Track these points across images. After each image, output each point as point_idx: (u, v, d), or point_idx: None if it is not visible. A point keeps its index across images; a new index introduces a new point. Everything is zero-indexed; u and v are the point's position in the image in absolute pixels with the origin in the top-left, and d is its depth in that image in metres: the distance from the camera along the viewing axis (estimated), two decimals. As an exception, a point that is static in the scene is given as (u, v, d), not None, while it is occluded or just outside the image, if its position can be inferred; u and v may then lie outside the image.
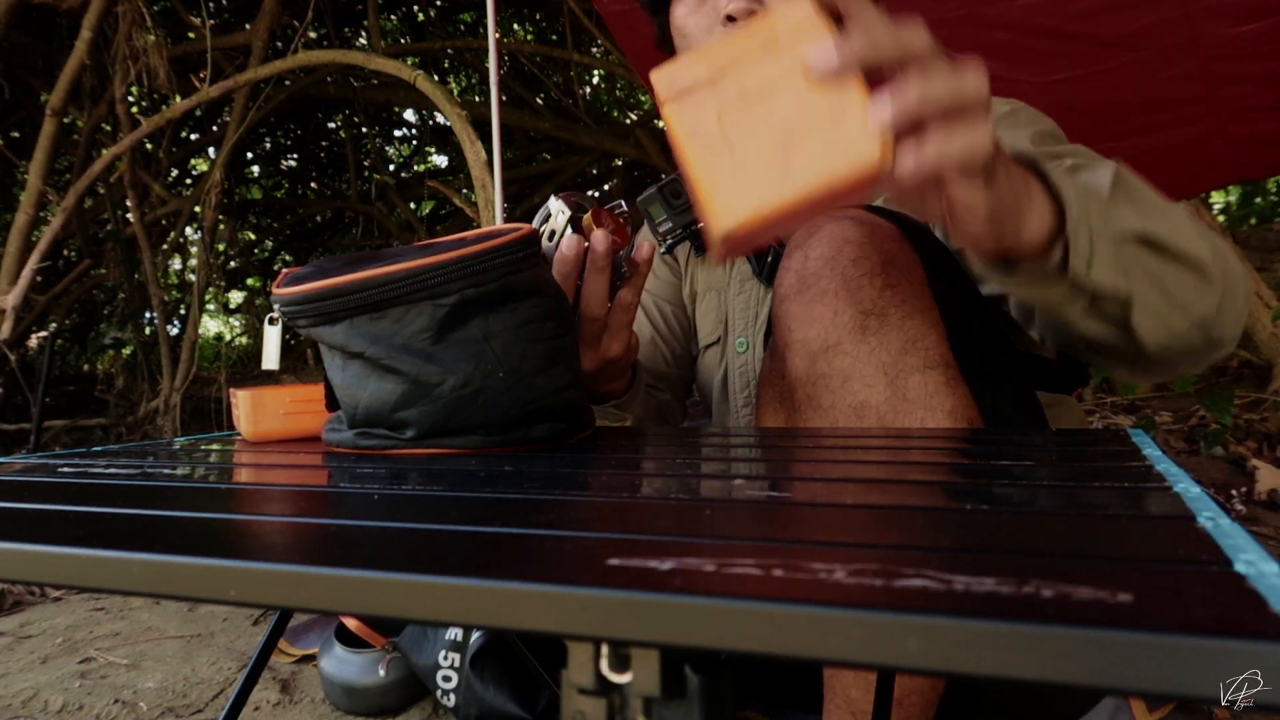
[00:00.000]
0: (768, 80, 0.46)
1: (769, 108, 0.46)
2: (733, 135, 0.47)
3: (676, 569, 0.23)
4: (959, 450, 0.49)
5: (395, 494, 0.37)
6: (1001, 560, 0.23)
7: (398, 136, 5.87)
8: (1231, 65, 1.70)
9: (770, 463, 0.49)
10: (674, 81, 0.48)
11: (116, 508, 0.36)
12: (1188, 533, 0.26)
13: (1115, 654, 0.17)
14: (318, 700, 1.20)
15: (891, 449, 0.51)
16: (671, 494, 0.37)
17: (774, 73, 0.46)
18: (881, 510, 0.31)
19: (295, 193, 5.84)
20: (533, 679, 1.03)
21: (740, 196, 0.46)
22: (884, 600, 0.20)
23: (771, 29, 0.47)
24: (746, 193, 0.46)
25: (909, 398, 0.64)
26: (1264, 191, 5.48)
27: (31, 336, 4.02)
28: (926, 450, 0.49)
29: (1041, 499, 0.33)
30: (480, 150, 2.20)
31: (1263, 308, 2.84)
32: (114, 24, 2.86)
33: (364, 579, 0.23)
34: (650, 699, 0.23)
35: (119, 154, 2.99)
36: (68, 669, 1.34)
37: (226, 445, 0.68)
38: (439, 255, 0.54)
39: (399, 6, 5.01)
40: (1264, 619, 0.18)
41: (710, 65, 0.47)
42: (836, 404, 0.66)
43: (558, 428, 0.58)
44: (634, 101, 5.32)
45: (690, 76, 0.48)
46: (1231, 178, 2.11)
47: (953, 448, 0.50)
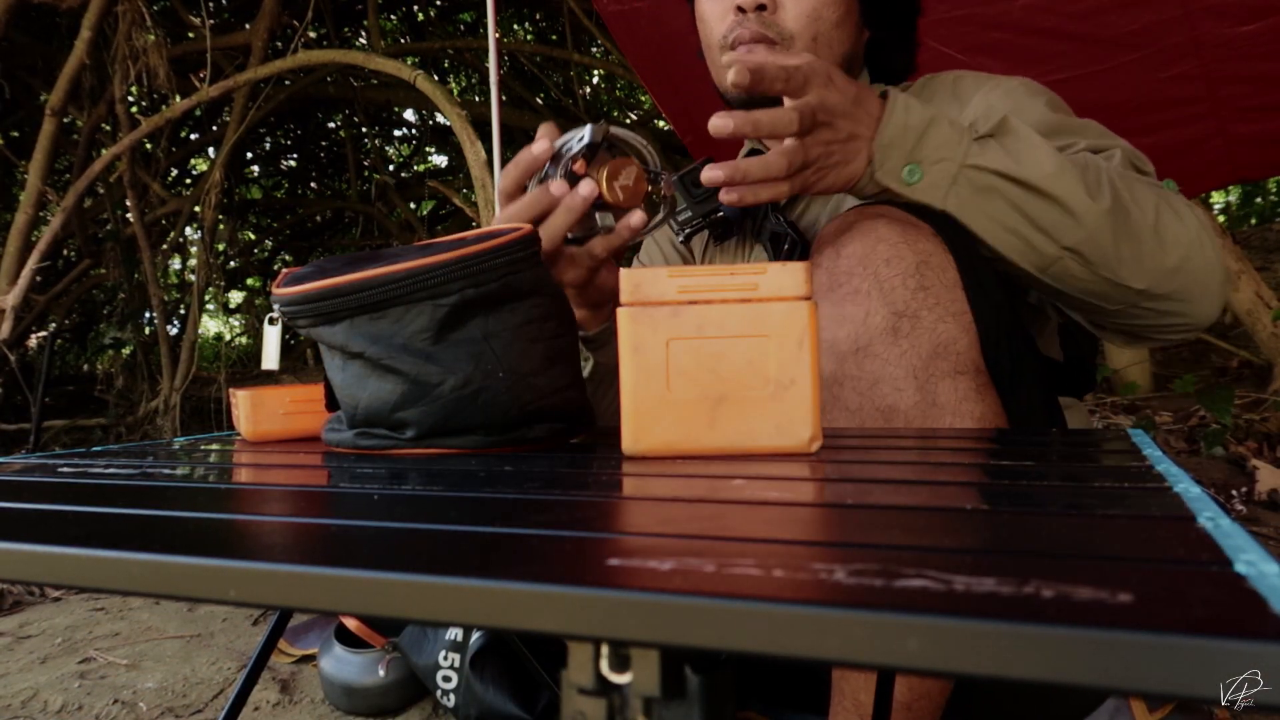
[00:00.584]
0: (728, 332, 0.46)
1: (718, 359, 0.46)
2: (674, 369, 0.46)
3: (676, 569, 0.23)
4: (959, 450, 0.49)
5: (395, 494, 0.37)
6: (1001, 560, 0.23)
7: (398, 136, 5.87)
8: (1231, 65, 1.70)
9: (770, 462, 0.49)
10: (639, 288, 0.47)
11: (116, 508, 0.36)
12: (1188, 533, 0.26)
13: (1115, 654, 0.17)
14: (318, 700, 1.20)
15: (891, 449, 0.50)
16: (672, 494, 0.37)
17: (738, 327, 0.46)
18: (881, 510, 0.31)
19: (295, 193, 5.84)
20: (533, 679, 1.03)
21: (659, 427, 0.46)
22: (884, 600, 0.20)
23: (756, 286, 0.46)
24: (666, 427, 0.46)
25: (939, 403, 0.63)
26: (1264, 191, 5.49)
27: (31, 336, 4.02)
28: (926, 450, 0.49)
29: (1042, 499, 0.33)
30: (480, 150, 2.20)
31: (1263, 308, 2.84)
32: (114, 24, 2.86)
33: (364, 579, 0.23)
34: (650, 699, 0.23)
35: (119, 154, 2.99)
36: (67, 669, 1.33)
37: (226, 445, 0.68)
38: (439, 255, 0.54)
39: (399, 6, 5.01)
40: (1264, 619, 0.18)
41: (683, 289, 0.47)
42: (864, 406, 0.65)
43: (558, 428, 0.58)
44: (634, 101, 5.32)
45: (658, 291, 0.47)
46: (1231, 178, 2.11)
47: (953, 448, 0.50)
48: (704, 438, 0.46)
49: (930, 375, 0.63)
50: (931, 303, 0.64)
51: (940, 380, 0.63)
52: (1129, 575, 0.21)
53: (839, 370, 0.66)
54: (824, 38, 0.91)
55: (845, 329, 0.65)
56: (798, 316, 0.46)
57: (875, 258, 0.65)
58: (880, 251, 0.65)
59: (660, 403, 0.46)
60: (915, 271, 0.64)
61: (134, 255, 3.61)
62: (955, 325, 0.64)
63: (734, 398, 0.46)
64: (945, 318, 0.64)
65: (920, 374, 0.63)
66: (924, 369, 0.63)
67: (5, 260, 2.73)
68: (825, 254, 0.68)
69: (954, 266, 0.66)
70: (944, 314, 0.64)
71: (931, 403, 0.63)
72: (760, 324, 0.45)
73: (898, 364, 0.64)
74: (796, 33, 0.90)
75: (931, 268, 0.65)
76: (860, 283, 0.65)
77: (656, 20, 1.91)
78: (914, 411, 0.63)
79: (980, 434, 0.59)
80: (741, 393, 0.46)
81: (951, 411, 0.63)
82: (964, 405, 0.63)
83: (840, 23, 0.92)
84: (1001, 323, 0.68)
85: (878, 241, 0.65)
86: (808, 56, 0.67)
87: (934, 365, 0.63)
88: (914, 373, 0.63)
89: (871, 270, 0.65)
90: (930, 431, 0.61)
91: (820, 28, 0.90)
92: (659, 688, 0.23)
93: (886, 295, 0.64)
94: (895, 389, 0.64)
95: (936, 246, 0.66)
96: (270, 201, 5.70)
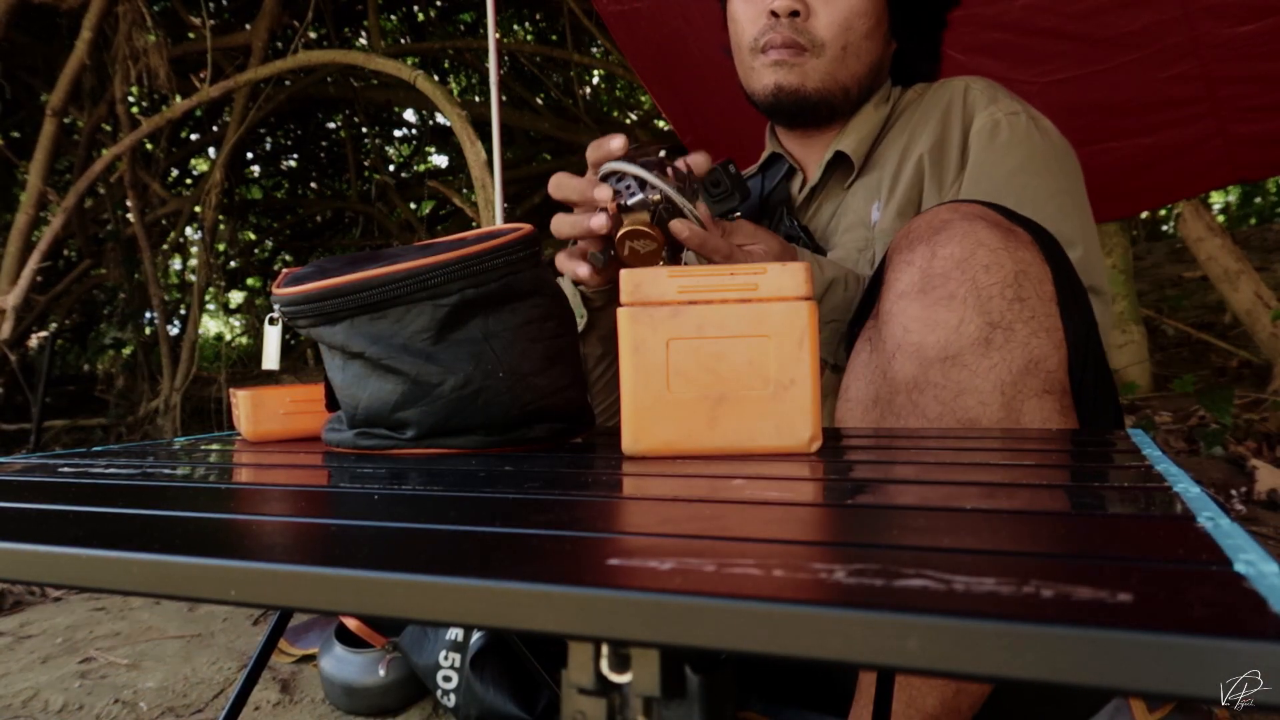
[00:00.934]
0: (729, 333, 0.46)
1: (717, 359, 0.46)
2: (674, 369, 0.46)
3: (676, 569, 0.23)
4: (959, 451, 0.49)
5: (395, 494, 0.37)
6: (1001, 560, 0.23)
7: (398, 136, 5.87)
8: (1231, 65, 1.70)
9: (770, 462, 0.49)
10: (639, 288, 0.47)
11: (116, 508, 0.36)
12: (1188, 533, 0.26)
13: (1115, 654, 0.17)
14: (318, 700, 1.20)
15: (891, 449, 0.51)
16: (672, 494, 0.37)
17: (738, 328, 0.46)
18: (881, 510, 0.31)
19: (295, 193, 5.84)
20: (533, 680, 1.03)
21: (659, 427, 0.46)
22: (884, 600, 0.20)
23: (757, 286, 0.46)
24: (666, 427, 0.46)
25: (1022, 422, 0.61)
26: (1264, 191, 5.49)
27: (31, 336, 4.02)
28: (925, 450, 0.49)
29: (1041, 499, 0.33)
30: (480, 150, 2.20)
31: (1262, 308, 2.84)
32: (114, 24, 2.86)
33: (364, 579, 0.23)
34: (650, 699, 0.23)
35: (119, 154, 2.99)
36: (68, 669, 1.33)
37: (226, 445, 0.68)
38: (439, 255, 0.54)
39: (399, 6, 5.01)
40: (1264, 619, 0.18)
41: (683, 289, 0.46)
42: (944, 416, 0.62)
43: (558, 428, 0.58)
44: (634, 101, 5.32)
45: (658, 291, 0.47)
46: (1231, 178, 2.11)
47: (953, 448, 0.50)
48: (704, 438, 0.46)
49: (1018, 392, 0.61)
50: (1027, 316, 0.62)
51: (1028, 399, 0.61)
52: (1129, 575, 0.21)
53: (922, 376, 0.63)
54: (853, 47, 0.91)
55: (936, 334, 0.62)
56: (798, 316, 0.45)
57: (974, 263, 0.62)
58: (980, 257, 0.62)
59: (660, 403, 0.46)
60: (1014, 281, 0.62)
61: (134, 255, 3.61)
62: (1048, 342, 0.62)
63: (734, 398, 0.46)
64: (1039, 333, 0.62)
65: (1008, 390, 0.61)
66: (1013, 385, 0.61)
67: (6, 260, 2.73)
68: (919, 251, 0.64)
69: (1050, 279, 0.64)
70: (1038, 329, 0.62)
71: (1015, 421, 0.61)
72: (760, 324, 0.45)
73: (986, 377, 0.61)
74: (828, 40, 0.90)
75: (1030, 279, 0.62)
76: (957, 287, 0.62)
77: (656, 20, 1.91)
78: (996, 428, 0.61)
79: (980, 433, 0.59)
80: (741, 393, 0.46)
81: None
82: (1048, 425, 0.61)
83: (870, 34, 0.92)
84: (1091, 342, 0.66)
85: (978, 246, 0.62)
86: (726, 248, 0.72)
87: (1023, 382, 0.61)
88: (1002, 388, 0.61)
89: (970, 275, 0.62)
90: (930, 431, 0.61)
91: (850, 38, 0.91)
92: (659, 688, 0.23)
93: (983, 304, 0.61)
94: (980, 402, 0.61)
95: (1035, 256, 0.64)
96: (270, 201, 5.70)
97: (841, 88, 0.93)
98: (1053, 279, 0.64)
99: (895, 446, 0.51)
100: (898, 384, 0.65)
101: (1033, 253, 0.64)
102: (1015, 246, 0.63)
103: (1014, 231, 0.64)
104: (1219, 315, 3.96)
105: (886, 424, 0.68)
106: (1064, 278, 0.65)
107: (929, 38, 1.01)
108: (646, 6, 1.89)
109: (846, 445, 0.54)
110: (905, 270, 0.65)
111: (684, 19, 1.88)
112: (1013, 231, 0.64)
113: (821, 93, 0.93)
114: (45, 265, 2.79)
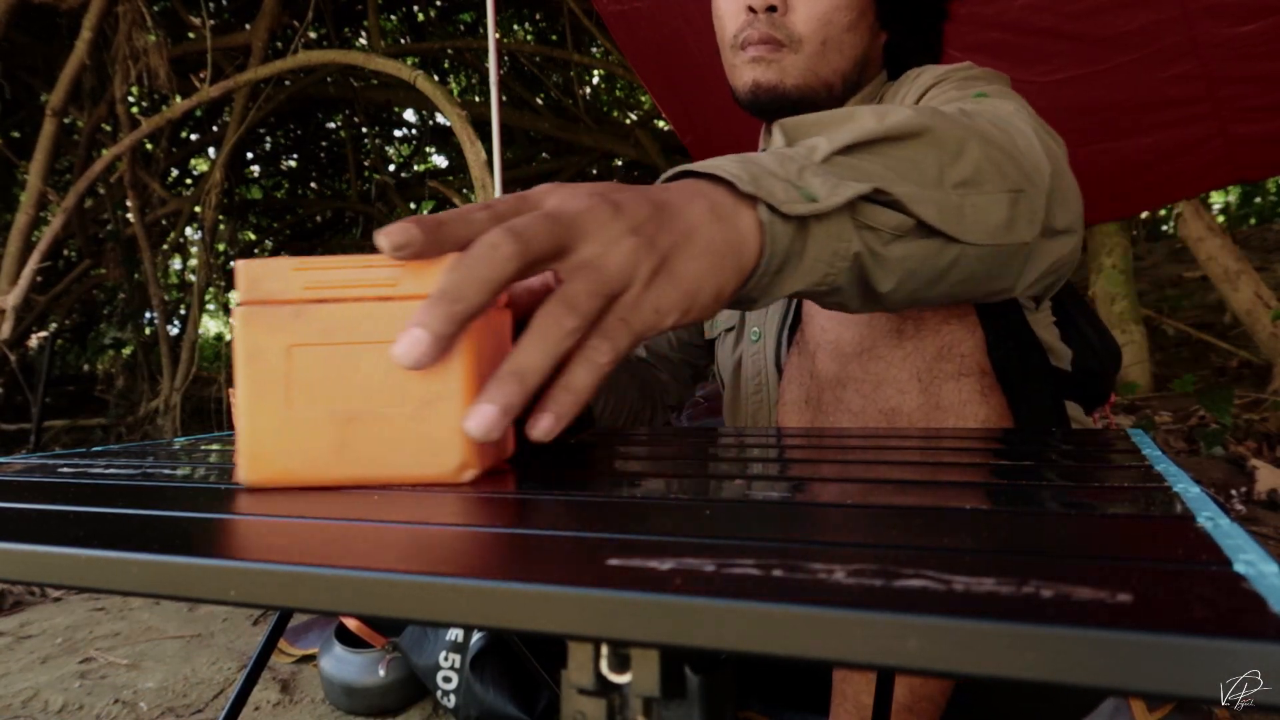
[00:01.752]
0: (358, 337, 0.38)
1: (346, 368, 0.38)
2: (296, 381, 0.38)
3: (676, 569, 0.23)
4: (960, 450, 0.49)
5: (395, 494, 0.37)
6: (1001, 560, 0.23)
7: (398, 136, 5.87)
8: (1231, 65, 1.70)
9: (771, 463, 0.49)
10: (257, 282, 0.38)
11: (116, 508, 0.36)
12: (1188, 533, 0.26)
13: (1115, 654, 0.17)
14: (318, 700, 1.20)
15: (891, 449, 0.50)
16: (672, 494, 0.37)
17: (372, 332, 0.37)
18: (881, 510, 0.31)
19: (295, 193, 5.85)
20: (533, 681, 1.03)
21: (278, 452, 0.38)
22: (884, 600, 0.20)
23: (397, 281, 0.37)
24: (286, 452, 0.38)
25: (942, 405, 0.63)
26: (1264, 191, 5.49)
27: (31, 336, 4.02)
28: (925, 450, 0.49)
29: (1041, 499, 0.33)
30: (480, 150, 2.20)
31: (1262, 308, 2.84)
32: (114, 24, 2.87)
33: (364, 579, 0.23)
34: (650, 699, 0.23)
35: (119, 154, 2.99)
36: (68, 669, 1.34)
37: (226, 445, 0.68)
38: (439, 255, 0.54)
39: (399, 6, 5.01)
40: (1264, 619, 0.18)
41: (307, 283, 0.38)
42: (867, 408, 0.65)
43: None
44: (634, 101, 5.32)
45: (279, 285, 0.38)
46: (1231, 178, 2.11)
47: (954, 448, 0.50)
48: (331, 466, 0.38)
49: (935, 377, 0.63)
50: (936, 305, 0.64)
51: (945, 382, 0.63)
52: (1129, 575, 0.21)
53: (843, 372, 0.65)
54: (834, 42, 0.90)
55: (851, 330, 0.65)
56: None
57: None
58: None
59: (280, 422, 0.38)
60: None
61: (134, 255, 3.61)
62: (960, 327, 0.64)
63: (367, 417, 0.38)
64: (949, 319, 0.64)
65: (924, 376, 0.63)
66: (928, 371, 0.63)
67: (6, 260, 2.74)
68: None
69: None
70: (948, 316, 0.64)
71: (935, 405, 0.63)
72: (399, 327, 0.36)
73: (902, 366, 0.63)
74: (806, 35, 0.89)
75: None
76: None
77: (656, 20, 1.91)
78: (918, 413, 0.63)
79: (980, 434, 0.59)
80: (376, 411, 0.38)
81: (955, 414, 0.63)
82: (968, 407, 0.63)
83: (852, 26, 0.90)
84: (1009, 326, 0.67)
85: None
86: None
87: (938, 367, 0.63)
88: (918, 375, 0.63)
89: None
90: (931, 431, 0.61)
91: (830, 32, 0.89)
92: (659, 688, 0.23)
93: None
94: (899, 391, 0.63)
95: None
96: (270, 201, 5.70)
97: (824, 83, 0.91)
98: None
99: (894, 446, 0.51)
100: (824, 382, 0.67)
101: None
102: None
103: None
104: (1219, 315, 3.97)
105: (818, 422, 0.70)
106: None
107: (923, 27, 0.99)
108: (646, 6, 1.89)
109: (846, 445, 0.54)
110: None
111: (684, 19, 1.88)
112: None
113: (801, 89, 0.91)
114: (45, 265, 2.79)
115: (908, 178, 0.49)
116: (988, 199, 0.53)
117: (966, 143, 0.53)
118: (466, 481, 0.38)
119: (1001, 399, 0.65)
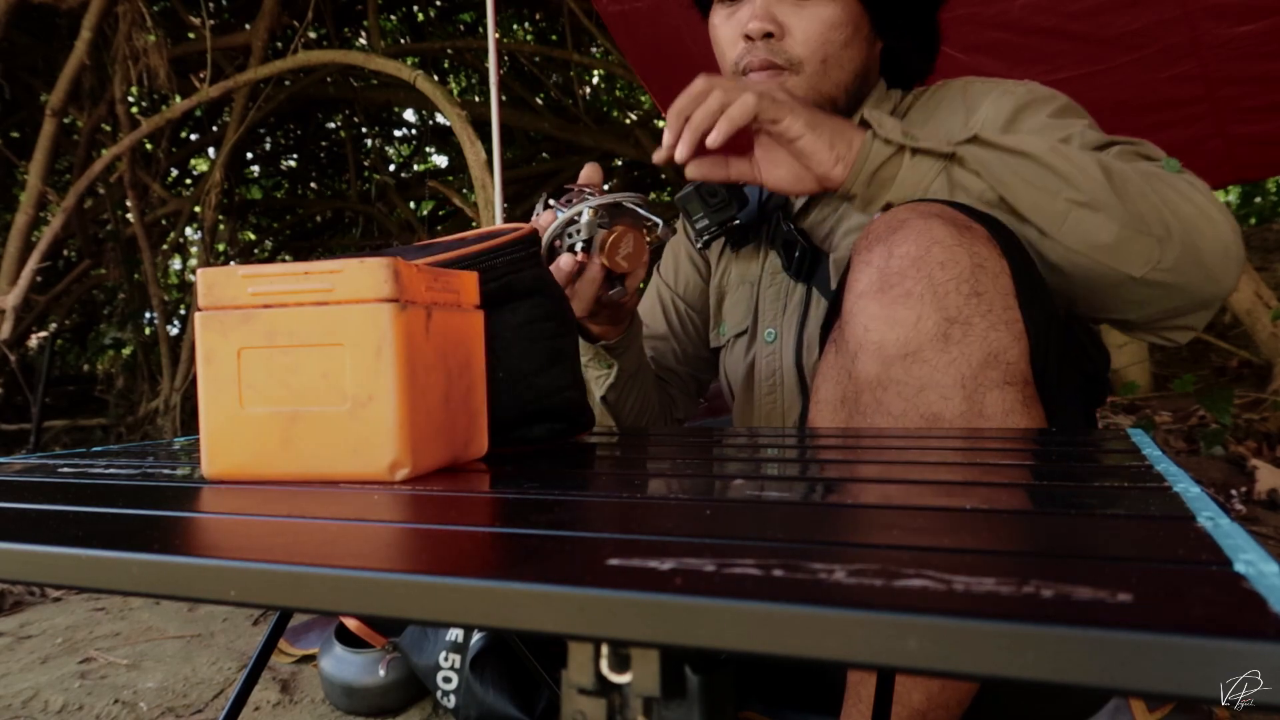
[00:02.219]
0: (300, 340, 0.41)
1: (290, 371, 0.41)
2: (246, 382, 0.42)
3: (676, 569, 0.23)
4: (960, 450, 0.49)
5: (395, 494, 0.37)
6: (1001, 560, 0.23)
7: (398, 136, 5.86)
8: (1231, 65, 1.70)
9: (771, 463, 0.49)
10: (212, 289, 0.42)
11: (116, 508, 0.36)
12: (1188, 533, 0.26)
13: (1115, 654, 0.17)
14: (318, 700, 1.20)
15: (891, 449, 0.51)
16: (671, 494, 0.37)
17: (311, 335, 0.41)
18: (881, 510, 0.31)
19: (295, 193, 5.84)
20: (533, 681, 1.03)
21: (234, 448, 0.42)
22: (884, 600, 0.20)
23: (333, 288, 0.41)
24: (240, 447, 0.42)
25: (985, 414, 0.62)
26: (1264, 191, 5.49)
27: (31, 336, 4.02)
28: (925, 450, 0.49)
29: (1042, 499, 0.33)
30: (480, 150, 2.20)
31: (1262, 308, 2.84)
32: (114, 24, 2.86)
33: (364, 579, 0.23)
34: (650, 699, 0.23)
35: (119, 154, 2.99)
36: (68, 669, 1.34)
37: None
38: (439, 255, 0.54)
39: (399, 6, 5.01)
40: (1264, 619, 0.18)
41: (257, 290, 0.41)
42: (908, 412, 0.63)
43: (558, 428, 0.58)
44: (634, 101, 5.32)
45: (231, 292, 0.42)
46: (1231, 178, 2.11)
47: (954, 448, 0.50)
48: (278, 461, 0.42)
49: (979, 385, 0.62)
50: (984, 310, 0.62)
51: (989, 391, 0.62)
52: (1129, 575, 0.21)
53: (884, 374, 0.64)
54: (834, 59, 0.90)
55: (895, 332, 0.63)
56: (376, 321, 0.40)
57: (930, 260, 0.63)
58: (935, 254, 0.63)
59: (234, 420, 0.42)
60: (970, 276, 0.62)
61: (134, 255, 3.61)
62: (1007, 334, 0.63)
63: (308, 416, 0.41)
64: (998, 325, 0.62)
65: (969, 383, 0.62)
66: (973, 378, 0.62)
67: (5, 261, 2.73)
68: (876, 252, 0.65)
69: (1008, 273, 0.64)
70: (996, 321, 0.62)
71: (978, 413, 0.62)
72: (334, 330, 0.40)
73: (946, 371, 0.62)
74: (805, 57, 0.90)
75: (986, 273, 0.63)
76: (913, 285, 0.63)
77: (656, 20, 1.91)
78: (959, 421, 0.62)
79: (980, 434, 0.59)
80: (316, 410, 0.41)
81: (998, 423, 0.62)
82: (1010, 417, 0.62)
83: (848, 42, 0.91)
84: (1052, 333, 0.66)
85: (933, 243, 0.63)
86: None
87: (984, 375, 0.62)
88: (963, 381, 0.62)
89: (925, 273, 0.62)
90: (932, 431, 0.61)
91: (828, 50, 0.90)
92: (659, 688, 0.23)
93: (940, 300, 0.62)
94: (942, 397, 0.62)
95: (991, 251, 0.64)
96: (270, 202, 5.70)
97: (827, 99, 0.93)
98: (1011, 273, 0.65)
99: (894, 446, 0.51)
100: (863, 383, 0.66)
101: (989, 248, 0.64)
102: (971, 242, 0.64)
103: (970, 228, 0.65)
104: (1219, 315, 3.96)
105: (854, 423, 0.69)
106: (1023, 271, 0.66)
107: (918, 31, 0.99)
108: (646, 6, 1.89)
109: (845, 445, 0.54)
110: (864, 270, 0.66)
111: (684, 19, 1.88)
112: (969, 228, 0.65)
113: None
114: (45, 265, 2.79)
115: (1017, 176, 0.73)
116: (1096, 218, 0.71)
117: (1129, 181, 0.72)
118: (399, 480, 0.41)
119: (1041, 410, 0.64)
